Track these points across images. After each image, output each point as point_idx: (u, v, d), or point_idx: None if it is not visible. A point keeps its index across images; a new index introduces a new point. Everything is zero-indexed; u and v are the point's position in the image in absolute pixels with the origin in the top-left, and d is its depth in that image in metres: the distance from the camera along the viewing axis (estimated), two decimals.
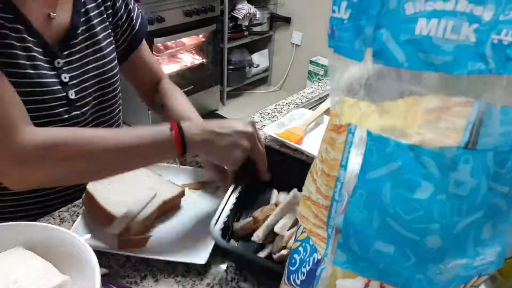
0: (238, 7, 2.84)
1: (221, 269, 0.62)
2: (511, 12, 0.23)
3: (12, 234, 0.53)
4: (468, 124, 0.26)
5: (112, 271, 0.60)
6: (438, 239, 0.28)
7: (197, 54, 2.84)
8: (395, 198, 0.28)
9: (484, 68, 0.24)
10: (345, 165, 0.31)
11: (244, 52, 3.10)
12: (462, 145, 0.26)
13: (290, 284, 0.40)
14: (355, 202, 0.30)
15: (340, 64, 0.29)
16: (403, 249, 0.29)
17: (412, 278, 0.30)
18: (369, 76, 0.27)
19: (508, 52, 0.23)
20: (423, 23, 0.24)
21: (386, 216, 0.29)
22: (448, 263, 0.30)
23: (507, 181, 0.27)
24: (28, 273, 0.48)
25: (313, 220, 0.36)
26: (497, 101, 0.25)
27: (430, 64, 0.25)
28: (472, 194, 0.27)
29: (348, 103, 0.30)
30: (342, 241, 0.32)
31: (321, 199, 0.34)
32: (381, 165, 0.28)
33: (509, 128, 0.26)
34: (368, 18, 0.26)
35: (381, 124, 0.28)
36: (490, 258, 0.32)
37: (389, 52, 0.25)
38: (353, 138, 0.30)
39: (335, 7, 0.28)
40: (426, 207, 0.28)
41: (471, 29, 0.24)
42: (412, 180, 0.28)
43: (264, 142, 0.70)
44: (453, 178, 0.27)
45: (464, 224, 0.28)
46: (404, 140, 0.27)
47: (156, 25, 2.26)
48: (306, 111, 1.04)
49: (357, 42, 0.27)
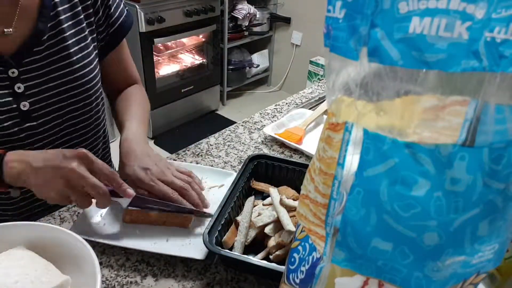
0: (238, 7, 2.85)
1: (221, 269, 0.62)
2: (503, 10, 0.23)
3: (12, 234, 0.53)
4: (465, 122, 0.26)
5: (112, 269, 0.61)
6: (435, 236, 0.28)
7: (197, 54, 2.85)
8: (392, 195, 0.28)
9: (477, 65, 0.24)
10: (342, 163, 0.31)
11: (244, 52, 3.10)
12: (459, 143, 0.27)
13: (290, 283, 0.40)
14: (352, 200, 0.30)
15: (336, 63, 0.29)
16: (400, 246, 0.29)
17: (410, 276, 0.30)
18: (365, 75, 0.27)
19: (501, 50, 0.24)
20: (417, 21, 0.24)
21: (383, 214, 0.29)
22: (445, 260, 0.30)
23: (503, 178, 0.28)
24: (28, 273, 0.49)
25: (311, 218, 0.36)
26: (491, 99, 0.25)
27: (424, 62, 0.25)
28: (468, 191, 0.27)
29: (345, 102, 0.30)
30: (340, 239, 0.32)
31: (319, 198, 0.34)
32: (378, 163, 0.28)
33: (504, 125, 0.26)
34: (363, 17, 0.26)
35: (378, 123, 0.28)
36: (488, 256, 0.32)
37: (383, 51, 0.26)
38: (350, 136, 0.30)
39: (330, 6, 0.28)
40: (423, 204, 0.28)
41: (464, 27, 0.24)
42: (408, 177, 0.28)
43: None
44: (449, 175, 0.27)
45: (461, 221, 0.28)
46: (401, 139, 0.28)
47: (156, 25, 2.27)
48: (306, 111, 1.04)
49: (352, 41, 0.27)
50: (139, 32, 2.24)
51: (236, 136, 0.97)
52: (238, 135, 0.97)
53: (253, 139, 0.96)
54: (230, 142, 0.94)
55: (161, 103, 2.58)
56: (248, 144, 0.94)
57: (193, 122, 2.80)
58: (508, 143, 0.27)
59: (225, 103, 3.10)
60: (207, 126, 2.76)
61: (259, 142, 0.95)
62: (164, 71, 2.65)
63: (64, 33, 0.69)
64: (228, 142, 0.94)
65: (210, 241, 0.57)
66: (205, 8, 2.49)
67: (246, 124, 1.03)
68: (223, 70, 2.94)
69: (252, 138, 0.96)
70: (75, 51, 0.71)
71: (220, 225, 0.61)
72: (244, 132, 0.99)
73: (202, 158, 0.88)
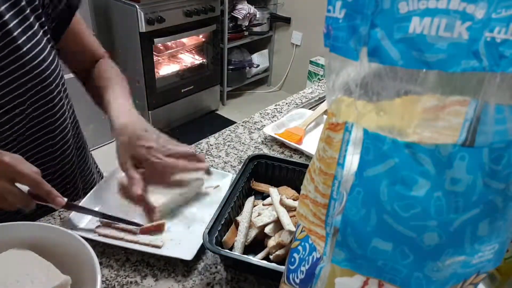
0: (238, 7, 2.85)
1: (221, 269, 0.62)
2: (503, 10, 0.23)
3: (12, 234, 0.53)
4: (465, 122, 0.26)
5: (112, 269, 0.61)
6: (435, 236, 0.28)
7: (197, 54, 2.85)
8: (392, 195, 0.28)
9: (478, 65, 0.24)
10: (342, 163, 0.31)
11: (244, 52, 3.10)
12: (459, 143, 0.27)
13: (290, 283, 0.40)
14: (352, 200, 0.30)
15: (336, 63, 0.29)
16: (400, 246, 0.29)
17: (410, 276, 0.30)
18: (365, 75, 0.27)
19: (501, 50, 0.24)
20: (417, 21, 0.24)
21: (383, 214, 0.29)
22: (445, 260, 0.30)
23: (503, 178, 0.28)
24: (28, 273, 0.49)
25: (311, 218, 0.36)
26: (491, 99, 0.25)
27: (424, 62, 0.25)
28: (468, 191, 0.27)
29: (345, 102, 0.30)
30: (340, 239, 0.32)
31: (319, 198, 0.34)
32: (378, 163, 0.28)
33: (504, 125, 0.26)
34: (363, 17, 0.26)
35: (378, 123, 0.28)
36: (488, 256, 0.32)
37: (383, 51, 0.26)
38: (350, 136, 0.30)
39: (330, 6, 0.28)
40: (423, 204, 0.28)
41: (464, 27, 0.24)
42: (408, 177, 0.28)
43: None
44: (449, 175, 0.27)
45: (461, 221, 0.28)
46: (401, 139, 0.28)
47: (156, 25, 2.27)
48: (306, 111, 1.04)
49: (352, 41, 0.27)
50: (139, 32, 2.24)
51: (236, 136, 0.97)
52: (238, 135, 0.97)
53: (253, 139, 0.96)
54: (230, 142, 0.94)
55: (161, 103, 2.58)
56: (248, 144, 0.94)
57: (193, 122, 2.80)
58: (508, 143, 0.27)
59: (225, 103, 3.10)
60: (207, 126, 2.76)
61: (259, 142, 0.95)
62: (164, 71, 2.65)
63: (6, 25, 0.63)
64: (228, 142, 0.94)
65: (210, 241, 0.57)
66: (205, 8, 2.49)
67: (246, 124, 1.03)
68: (223, 70, 2.95)
69: (252, 138, 0.96)
70: (25, 41, 0.66)
71: (220, 225, 0.61)
72: (244, 132, 0.99)
73: None
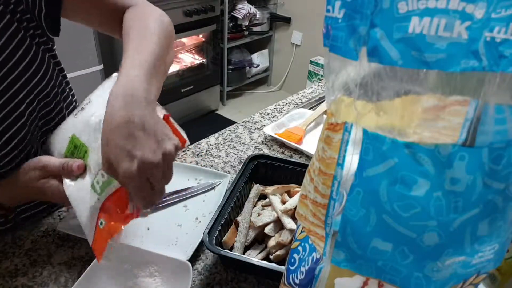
0: (238, 7, 2.85)
1: (221, 269, 0.62)
2: (503, 9, 0.23)
3: None
4: (465, 122, 0.26)
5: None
6: (435, 236, 0.28)
7: (197, 54, 2.85)
8: (392, 195, 0.28)
9: (477, 65, 0.24)
10: (341, 163, 0.31)
11: (244, 52, 3.10)
12: (459, 143, 0.27)
13: (289, 283, 0.40)
14: (352, 200, 0.30)
15: (336, 63, 0.29)
16: (400, 246, 0.29)
17: (410, 276, 0.30)
18: (365, 75, 0.27)
19: (501, 50, 0.24)
20: (416, 21, 0.24)
21: (383, 214, 0.29)
22: (445, 260, 0.30)
23: (503, 178, 0.27)
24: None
25: (311, 218, 0.36)
26: (491, 99, 0.25)
27: (424, 62, 0.25)
28: (468, 191, 0.27)
29: (344, 102, 0.30)
30: (340, 239, 0.32)
31: (319, 198, 0.34)
32: (378, 163, 0.28)
33: (504, 125, 0.26)
34: (362, 17, 0.26)
35: (377, 123, 0.28)
36: (488, 256, 0.32)
37: (383, 51, 0.25)
38: (350, 137, 0.30)
39: (330, 6, 0.28)
40: (423, 204, 0.28)
41: (464, 26, 0.24)
42: (408, 177, 0.28)
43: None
44: (449, 175, 0.27)
45: (461, 221, 0.28)
46: (401, 139, 0.27)
47: None
48: (306, 111, 1.04)
49: (352, 41, 0.27)
50: None
51: (236, 136, 0.97)
52: (238, 135, 0.97)
53: (253, 139, 0.96)
54: (230, 142, 0.94)
55: (161, 103, 2.57)
56: (248, 144, 0.94)
57: (193, 122, 2.80)
58: (508, 143, 0.27)
59: (225, 103, 3.10)
60: (207, 126, 2.76)
61: (259, 142, 0.95)
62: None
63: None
64: (228, 142, 0.94)
65: (210, 241, 0.57)
66: (205, 8, 2.49)
67: (246, 124, 1.03)
68: (223, 70, 2.94)
69: (252, 138, 0.96)
70: (11, 53, 0.60)
71: (220, 225, 0.61)
72: (244, 132, 0.99)
73: (202, 158, 0.88)
